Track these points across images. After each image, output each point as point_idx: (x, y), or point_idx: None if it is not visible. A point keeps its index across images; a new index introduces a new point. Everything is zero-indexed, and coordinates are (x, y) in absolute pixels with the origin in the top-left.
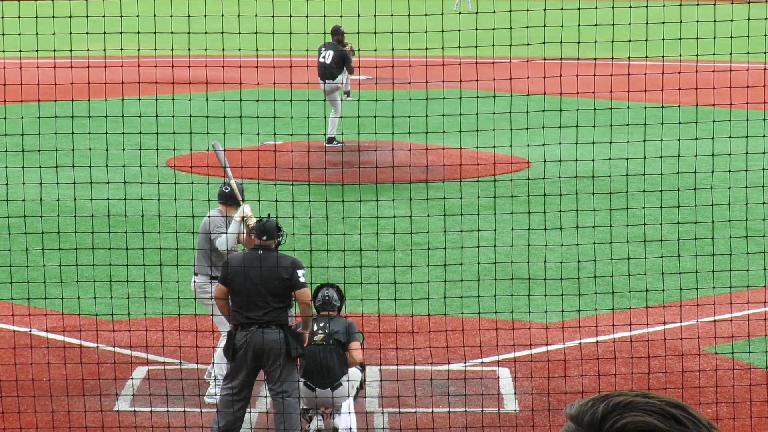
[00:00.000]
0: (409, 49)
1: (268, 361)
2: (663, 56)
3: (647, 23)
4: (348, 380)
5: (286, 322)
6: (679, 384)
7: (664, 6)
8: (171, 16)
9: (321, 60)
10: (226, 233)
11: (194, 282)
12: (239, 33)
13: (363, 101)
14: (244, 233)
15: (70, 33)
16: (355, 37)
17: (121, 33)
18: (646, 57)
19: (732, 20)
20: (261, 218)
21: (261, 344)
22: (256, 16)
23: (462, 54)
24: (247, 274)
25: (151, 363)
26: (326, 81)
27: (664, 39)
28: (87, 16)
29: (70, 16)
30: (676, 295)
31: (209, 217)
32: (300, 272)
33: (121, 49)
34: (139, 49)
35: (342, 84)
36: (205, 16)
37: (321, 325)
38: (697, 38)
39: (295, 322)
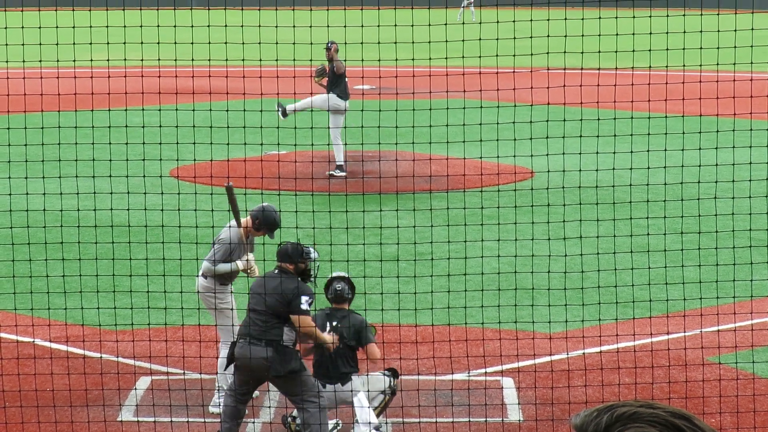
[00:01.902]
0: (413, 59)
1: (262, 376)
2: (666, 66)
3: (650, 33)
4: (359, 375)
5: (276, 338)
6: (682, 394)
7: (668, 16)
8: (174, 26)
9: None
10: (218, 266)
11: (203, 283)
12: (243, 43)
13: (366, 111)
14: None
15: (74, 43)
16: (358, 47)
17: (124, 43)
18: (650, 67)
19: (735, 30)
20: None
21: (248, 357)
22: (259, 26)
23: (466, 64)
24: (257, 292)
25: (154, 373)
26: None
27: (667, 49)
28: (90, 27)
29: (74, 26)
30: (680, 305)
31: (229, 229)
32: (304, 298)
33: (125, 60)
34: (142, 59)
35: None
36: (208, 26)
37: (334, 324)
38: (701, 48)
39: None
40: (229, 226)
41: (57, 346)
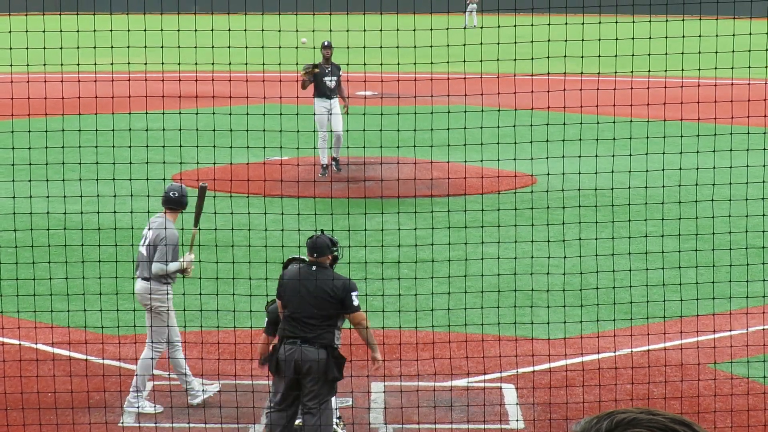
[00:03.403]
0: (415, 64)
1: (306, 377)
2: (666, 71)
3: (650, 38)
4: None
5: (330, 342)
6: (679, 398)
7: (666, 21)
8: (178, 30)
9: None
10: (169, 266)
11: (147, 286)
12: (246, 47)
13: (368, 116)
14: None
15: (77, 47)
16: (360, 52)
17: (128, 47)
18: (649, 72)
19: (734, 35)
20: (314, 234)
21: (301, 360)
22: (263, 30)
23: (467, 69)
24: (299, 290)
25: (156, 378)
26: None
27: (666, 54)
28: (94, 31)
29: (78, 31)
30: (677, 306)
31: (163, 227)
32: (353, 294)
33: (128, 63)
34: (146, 63)
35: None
36: (211, 30)
37: None
38: (699, 53)
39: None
40: (164, 225)
41: (59, 350)
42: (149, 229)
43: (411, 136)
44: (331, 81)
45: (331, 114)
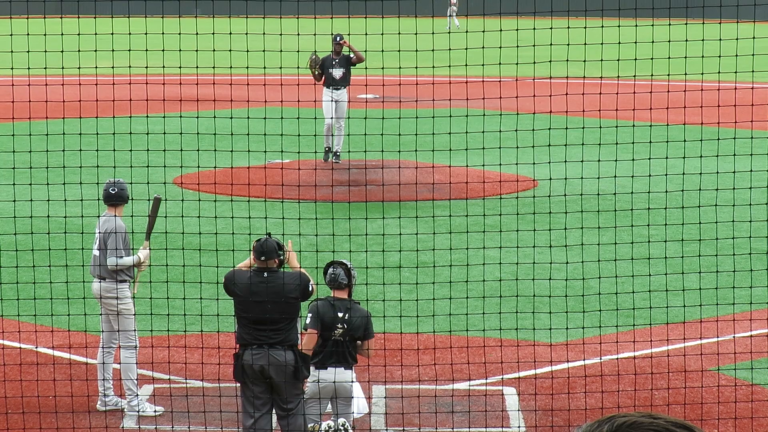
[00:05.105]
0: (416, 68)
1: (278, 381)
2: (668, 75)
3: (653, 42)
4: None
5: (295, 342)
6: (682, 403)
7: (669, 25)
8: (179, 33)
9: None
10: (123, 259)
11: (106, 286)
12: (247, 51)
13: (370, 119)
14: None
15: (78, 50)
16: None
17: (129, 50)
18: (652, 76)
19: (737, 39)
20: (260, 238)
21: (269, 364)
22: (263, 34)
23: (469, 73)
24: (255, 295)
25: (156, 381)
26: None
27: (669, 58)
28: (95, 34)
29: (79, 34)
30: (680, 312)
31: (109, 224)
32: (310, 285)
33: (129, 67)
34: (147, 67)
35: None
36: (213, 33)
37: (341, 316)
38: (702, 57)
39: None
40: (107, 216)
41: (59, 353)
42: (99, 231)
43: (412, 139)
44: (337, 72)
45: (336, 102)
